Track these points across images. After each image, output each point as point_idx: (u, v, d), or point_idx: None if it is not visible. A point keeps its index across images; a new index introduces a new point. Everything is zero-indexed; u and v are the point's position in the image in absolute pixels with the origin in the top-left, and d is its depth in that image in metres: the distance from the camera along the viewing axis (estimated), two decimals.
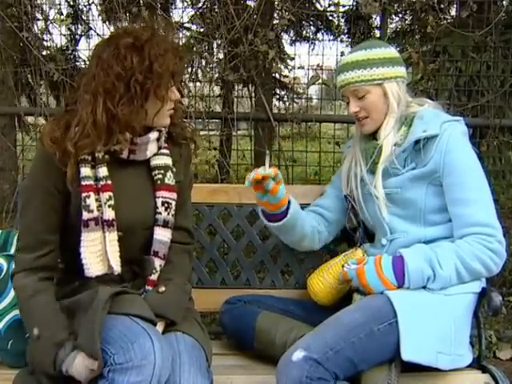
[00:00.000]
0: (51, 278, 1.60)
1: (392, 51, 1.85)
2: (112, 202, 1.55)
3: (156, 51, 1.51)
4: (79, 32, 3.73)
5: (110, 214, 1.54)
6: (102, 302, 1.42)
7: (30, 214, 1.58)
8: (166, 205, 1.65)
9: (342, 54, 3.03)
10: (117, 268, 1.57)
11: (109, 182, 1.55)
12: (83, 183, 1.53)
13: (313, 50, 4.77)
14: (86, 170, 1.54)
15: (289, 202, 1.85)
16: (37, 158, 1.59)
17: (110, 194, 1.55)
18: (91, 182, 1.54)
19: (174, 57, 1.54)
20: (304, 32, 4.85)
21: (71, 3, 3.67)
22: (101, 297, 1.43)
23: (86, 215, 1.53)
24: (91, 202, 1.53)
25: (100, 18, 3.22)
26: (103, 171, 1.55)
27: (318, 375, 1.51)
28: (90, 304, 1.44)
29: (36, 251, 1.56)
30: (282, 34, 3.69)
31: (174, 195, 1.67)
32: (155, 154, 1.66)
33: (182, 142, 1.74)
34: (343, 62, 1.85)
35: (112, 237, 1.55)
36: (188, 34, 3.43)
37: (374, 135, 1.87)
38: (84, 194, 1.53)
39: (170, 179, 1.66)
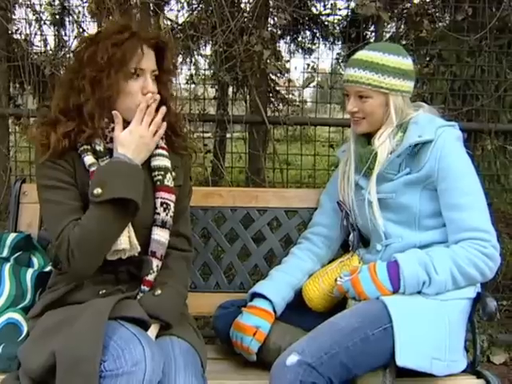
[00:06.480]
0: None
1: (407, 63, 1.80)
2: None
3: (105, 43, 1.54)
4: (70, 33, 3.70)
5: None
6: (105, 313, 1.39)
7: (52, 207, 1.56)
8: (164, 205, 1.65)
9: (339, 55, 3.03)
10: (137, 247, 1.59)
11: None
12: (91, 170, 1.57)
13: (310, 55, 4.78)
14: (89, 158, 1.58)
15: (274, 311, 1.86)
16: (38, 164, 1.60)
17: None
18: None
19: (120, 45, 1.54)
20: (300, 38, 4.85)
21: (64, 4, 3.64)
22: (102, 308, 1.41)
23: None
24: None
25: (90, 16, 3.20)
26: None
27: (311, 380, 1.50)
28: (78, 317, 1.41)
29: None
30: (278, 39, 3.68)
31: (173, 197, 1.67)
32: (154, 155, 1.66)
33: (183, 152, 1.76)
34: (358, 57, 1.80)
35: None
36: (182, 34, 3.42)
37: (369, 140, 1.85)
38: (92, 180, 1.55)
39: (169, 181, 1.67)
